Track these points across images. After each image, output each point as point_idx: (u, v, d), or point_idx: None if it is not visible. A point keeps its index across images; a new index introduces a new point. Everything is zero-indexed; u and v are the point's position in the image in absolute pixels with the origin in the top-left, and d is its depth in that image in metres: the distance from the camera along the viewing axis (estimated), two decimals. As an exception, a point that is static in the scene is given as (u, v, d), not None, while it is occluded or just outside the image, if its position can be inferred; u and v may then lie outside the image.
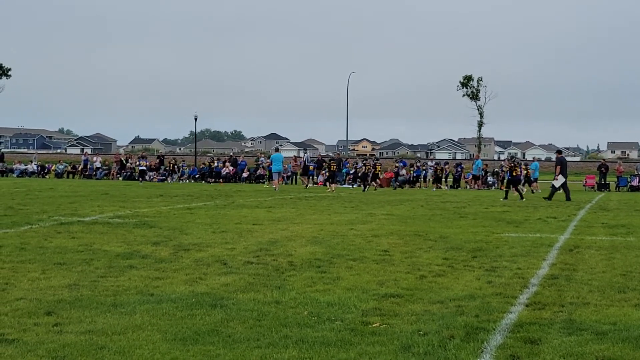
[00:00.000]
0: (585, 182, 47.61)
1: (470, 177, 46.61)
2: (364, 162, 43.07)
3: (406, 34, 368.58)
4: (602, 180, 46.43)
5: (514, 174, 30.93)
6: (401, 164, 47.94)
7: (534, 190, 39.36)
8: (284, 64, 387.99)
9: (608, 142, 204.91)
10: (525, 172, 38.22)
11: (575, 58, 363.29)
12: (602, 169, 47.24)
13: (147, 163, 48.89)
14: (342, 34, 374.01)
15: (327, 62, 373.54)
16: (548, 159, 76.57)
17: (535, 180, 42.15)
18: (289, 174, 48.10)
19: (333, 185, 37.67)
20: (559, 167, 31.73)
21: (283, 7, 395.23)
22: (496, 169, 47.82)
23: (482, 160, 50.47)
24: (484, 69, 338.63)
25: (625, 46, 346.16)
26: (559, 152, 34.15)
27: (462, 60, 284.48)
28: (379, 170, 43.79)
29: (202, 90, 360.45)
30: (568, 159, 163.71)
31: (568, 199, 30.25)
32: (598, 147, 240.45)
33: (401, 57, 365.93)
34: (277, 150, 43.00)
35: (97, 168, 53.38)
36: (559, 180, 31.26)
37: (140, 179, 46.34)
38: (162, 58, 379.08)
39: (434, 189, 42.30)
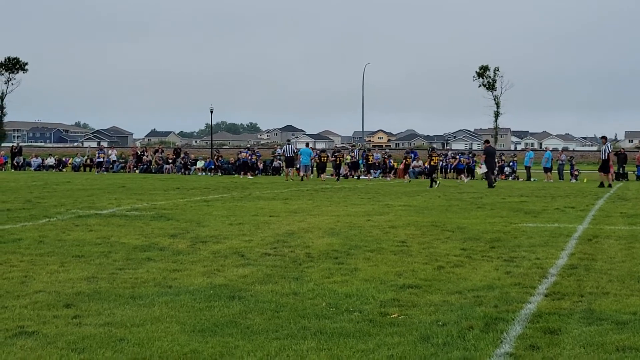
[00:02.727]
0: (603, 171, 47.27)
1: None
2: (336, 153, 43.02)
3: (422, 25, 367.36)
4: (621, 169, 46.09)
5: (432, 163, 33.97)
6: (412, 155, 47.80)
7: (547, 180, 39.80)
8: (300, 56, 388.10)
9: (625, 132, 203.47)
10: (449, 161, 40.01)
11: (592, 47, 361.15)
12: (619, 156, 46.88)
13: (104, 155, 53.15)
14: (357, 25, 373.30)
15: (342, 54, 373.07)
16: (565, 149, 76.22)
17: (550, 169, 42.91)
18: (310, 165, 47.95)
19: (323, 175, 40.02)
20: (484, 156, 34.01)
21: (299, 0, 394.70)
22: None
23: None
24: (500, 59, 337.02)
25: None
26: (486, 142, 35.92)
27: (478, 51, 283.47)
28: (371, 160, 43.89)
29: (218, 83, 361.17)
30: (585, 148, 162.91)
31: (490, 186, 31.83)
32: (615, 136, 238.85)
33: (417, 47, 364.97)
34: (307, 145, 43.39)
35: (114, 161, 53.52)
36: (482, 169, 33.41)
37: (98, 170, 50.97)
38: (178, 51, 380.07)
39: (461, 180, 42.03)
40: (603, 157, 34.42)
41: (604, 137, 36.37)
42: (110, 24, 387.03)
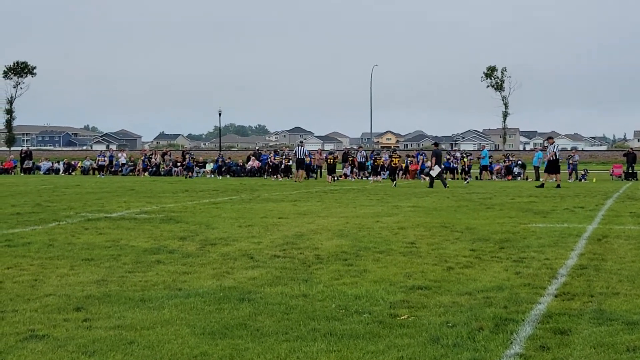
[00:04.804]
0: (612, 171, 47.23)
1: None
2: (330, 154, 43.65)
3: (430, 25, 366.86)
4: (630, 169, 45.98)
5: (393, 164, 36.12)
6: (421, 157, 47.79)
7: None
8: (308, 57, 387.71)
9: (634, 131, 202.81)
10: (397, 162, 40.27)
11: (599, 46, 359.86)
12: (628, 156, 46.76)
13: (104, 158, 52.82)
14: (365, 26, 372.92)
15: (350, 55, 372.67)
16: (574, 149, 75.50)
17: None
18: (314, 167, 47.93)
19: (330, 177, 40.65)
20: (434, 158, 35.02)
21: (306, 1, 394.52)
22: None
23: (487, 150, 50.26)
24: (508, 58, 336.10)
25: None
26: (435, 144, 37.15)
27: (486, 50, 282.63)
28: (379, 162, 43.80)
29: (226, 85, 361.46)
30: (593, 148, 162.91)
31: (445, 186, 32.96)
32: (624, 135, 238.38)
33: (425, 48, 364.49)
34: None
35: (123, 164, 53.66)
36: (435, 170, 34.50)
37: (100, 173, 50.94)
38: (186, 54, 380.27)
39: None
40: (550, 158, 34.11)
41: (550, 138, 36.32)
42: (119, 27, 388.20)
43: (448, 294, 8.41)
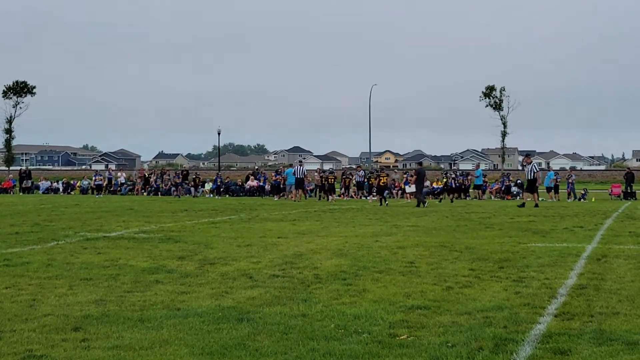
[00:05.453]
0: (611, 190, 47.24)
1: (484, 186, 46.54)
2: (329, 173, 43.52)
3: (429, 45, 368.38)
4: (629, 188, 46.00)
5: (381, 183, 36.27)
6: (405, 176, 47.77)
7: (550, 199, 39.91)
8: (307, 76, 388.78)
9: (633, 151, 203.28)
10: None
11: (598, 66, 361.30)
12: (627, 176, 46.81)
13: (101, 177, 52.72)
14: (364, 45, 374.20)
15: (349, 74, 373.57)
16: (573, 168, 75.33)
17: (551, 189, 42.88)
18: (312, 187, 47.89)
19: (332, 196, 41.22)
20: (415, 176, 36.39)
21: (304, 20, 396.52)
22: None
23: (482, 169, 50.17)
24: (506, 78, 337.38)
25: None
26: (419, 163, 38.52)
27: (485, 70, 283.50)
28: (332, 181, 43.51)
29: (225, 105, 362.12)
30: (592, 168, 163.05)
31: (418, 205, 33.02)
32: (623, 155, 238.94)
33: (424, 67, 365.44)
34: (291, 165, 43.78)
35: (122, 184, 53.67)
36: (412, 187, 36.85)
37: (97, 193, 50.63)
38: (185, 73, 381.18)
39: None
40: (529, 177, 33.68)
41: (527, 156, 35.88)
42: (117, 46, 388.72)
43: (447, 314, 8.40)
